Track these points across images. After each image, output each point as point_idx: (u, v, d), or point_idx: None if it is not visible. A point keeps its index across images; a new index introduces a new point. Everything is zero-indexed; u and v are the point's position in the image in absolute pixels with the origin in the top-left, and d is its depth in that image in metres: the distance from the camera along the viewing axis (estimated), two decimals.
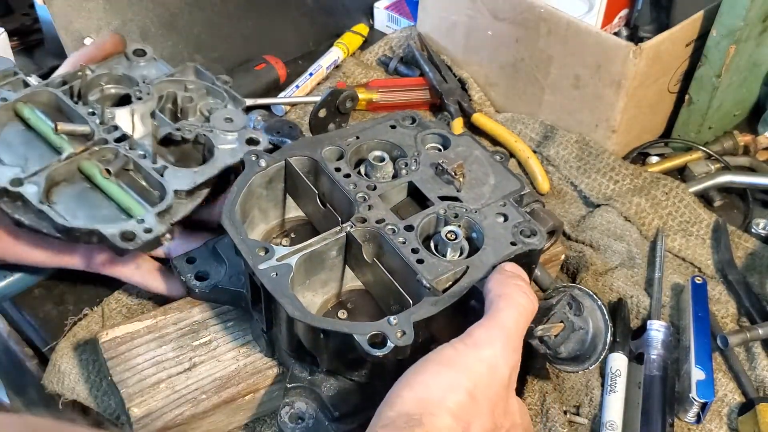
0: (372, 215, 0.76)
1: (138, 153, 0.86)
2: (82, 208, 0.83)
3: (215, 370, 0.78)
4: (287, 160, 0.81)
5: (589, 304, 0.74)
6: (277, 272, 0.71)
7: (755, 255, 0.99)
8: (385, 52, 1.28)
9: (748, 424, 0.81)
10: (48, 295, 0.92)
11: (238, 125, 0.91)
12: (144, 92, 0.92)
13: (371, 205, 0.77)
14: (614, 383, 0.83)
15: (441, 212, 0.76)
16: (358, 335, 0.66)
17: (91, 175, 0.85)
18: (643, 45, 1.00)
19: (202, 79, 0.97)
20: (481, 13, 1.13)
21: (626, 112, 1.06)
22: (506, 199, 0.78)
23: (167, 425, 0.75)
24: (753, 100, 1.18)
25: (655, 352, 0.85)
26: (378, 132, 0.85)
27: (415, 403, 0.60)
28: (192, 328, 0.81)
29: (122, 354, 0.79)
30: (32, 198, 0.80)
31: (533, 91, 1.13)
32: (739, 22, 0.99)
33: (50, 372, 0.84)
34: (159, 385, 0.77)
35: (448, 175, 0.79)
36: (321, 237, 0.75)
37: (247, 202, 0.81)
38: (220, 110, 0.93)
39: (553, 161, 1.09)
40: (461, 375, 0.62)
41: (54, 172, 0.83)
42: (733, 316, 0.92)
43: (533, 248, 0.74)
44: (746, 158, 1.12)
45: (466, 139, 0.85)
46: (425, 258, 0.72)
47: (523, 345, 0.67)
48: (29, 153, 0.87)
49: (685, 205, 1.02)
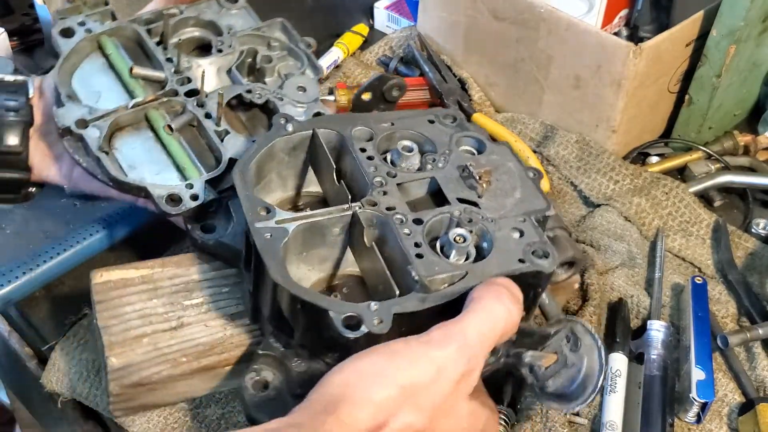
0: (384, 201, 0.74)
1: (204, 111, 0.85)
2: (141, 158, 0.83)
3: (201, 335, 0.76)
4: (315, 130, 0.79)
5: (588, 342, 0.70)
6: (272, 234, 0.70)
7: (755, 255, 0.99)
8: (385, 52, 1.28)
9: (748, 424, 0.81)
10: (48, 295, 0.92)
11: (310, 96, 0.88)
12: (226, 44, 0.90)
13: (386, 191, 0.75)
14: (614, 383, 0.82)
15: (456, 214, 0.74)
16: (333, 312, 0.64)
17: (156, 127, 0.84)
18: (643, 45, 1.00)
19: (288, 37, 0.93)
20: (481, 13, 1.13)
21: (626, 112, 1.05)
22: (527, 216, 0.74)
23: (142, 381, 0.74)
24: (753, 100, 1.18)
25: (655, 352, 0.85)
26: (414, 123, 0.82)
27: (341, 388, 0.58)
28: (187, 286, 0.79)
29: (112, 300, 0.77)
30: (92, 143, 0.80)
31: (533, 91, 1.13)
32: (739, 22, 0.99)
33: (49, 371, 0.84)
34: (142, 339, 0.75)
35: (472, 179, 0.76)
36: (326, 210, 0.74)
37: (266, 164, 0.79)
38: (296, 77, 0.89)
39: (553, 161, 1.09)
40: (399, 369, 0.59)
41: (120, 118, 0.83)
42: (733, 316, 0.92)
43: (541, 270, 0.70)
44: (746, 158, 1.12)
45: (503, 148, 0.81)
46: (425, 254, 0.70)
47: (511, 372, 0.65)
48: (104, 90, 0.86)
49: (685, 205, 1.02)
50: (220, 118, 0.84)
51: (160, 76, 0.87)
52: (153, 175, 0.81)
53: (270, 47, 0.93)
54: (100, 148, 0.81)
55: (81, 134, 0.81)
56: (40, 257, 0.90)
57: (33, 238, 0.98)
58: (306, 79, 0.90)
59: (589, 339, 0.70)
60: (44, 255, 0.90)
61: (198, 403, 0.81)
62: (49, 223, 1.00)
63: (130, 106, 0.84)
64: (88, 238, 0.92)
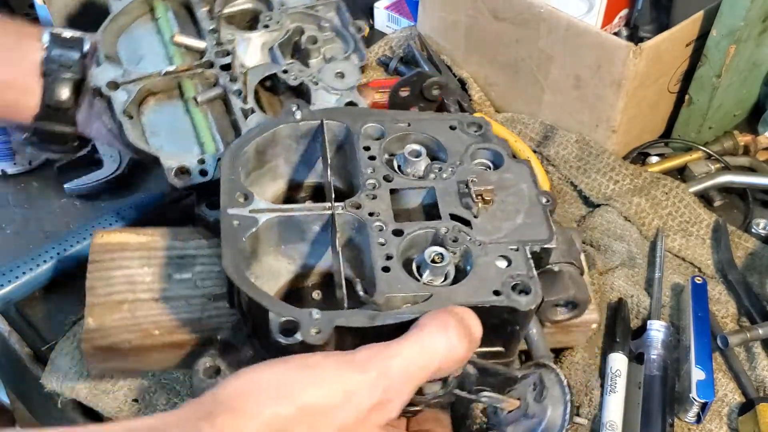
0: (369, 205, 0.70)
1: (235, 87, 0.84)
2: (165, 127, 0.83)
3: (180, 311, 0.75)
4: (323, 121, 0.76)
5: (556, 394, 0.64)
6: (240, 222, 0.68)
7: (755, 255, 0.99)
8: (385, 52, 1.28)
9: (748, 424, 0.81)
10: (48, 295, 0.92)
11: (347, 83, 0.85)
12: (274, 20, 0.89)
13: (376, 195, 0.71)
14: (614, 383, 0.82)
15: (442, 231, 0.68)
16: (273, 314, 0.61)
17: (187, 97, 0.85)
18: (643, 45, 1.00)
19: (341, 19, 0.91)
20: (481, 13, 1.13)
21: (626, 112, 1.05)
22: (522, 244, 0.68)
23: (113, 346, 0.74)
24: (753, 100, 1.18)
25: (655, 352, 0.85)
26: (433, 126, 0.77)
27: (233, 394, 0.55)
28: (179, 261, 0.78)
29: (105, 261, 0.77)
30: (117, 106, 0.82)
31: (533, 91, 1.13)
32: (739, 22, 0.99)
33: (49, 371, 0.84)
34: (123, 305, 0.75)
35: (469, 197, 0.71)
36: (305, 206, 0.71)
37: (270, 149, 0.77)
38: (337, 61, 0.87)
39: (553, 161, 1.09)
40: (305, 387, 0.55)
41: (152, 84, 0.84)
42: (733, 316, 0.92)
43: (515, 307, 0.64)
44: (746, 158, 1.12)
45: (522, 167, 0.75)
46: (393, 268, 0.65)
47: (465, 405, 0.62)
48: (146, 54, 0.87)
49: (685, 205, 1.02)
50: (246, 96, 0.83)
51: (201, 46, 0.87)
52: (172, 145, 0.81)
53: (320, 28, 0.90)
54: (125, 112, 0.81)
55: (109, 96, 0.82)
56: (40, 257, 0.90)
57: (33, 238, 0.98)
58: (347, 65, 0.88)
59: (558, 391, 0.64)
60: (44, 255, 0.90)
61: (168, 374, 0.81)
62: (49, 223, 1.00)
63: (163, 73, 0.84)
64: (88, 238, 0.92)
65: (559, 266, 0.71)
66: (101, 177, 1.03)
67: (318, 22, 0.91)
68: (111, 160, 1.04)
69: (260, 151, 0.76)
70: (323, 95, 0.85)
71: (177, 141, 0.83)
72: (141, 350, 0.74)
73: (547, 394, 0.64)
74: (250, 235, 0.68)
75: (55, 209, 1.02)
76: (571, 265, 0.72)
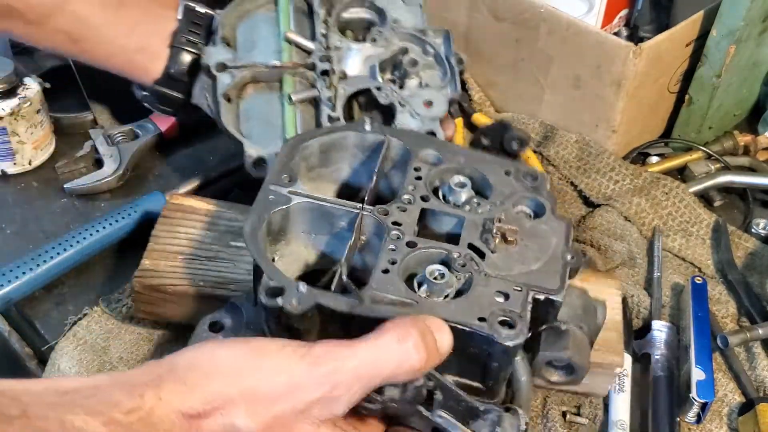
0: (396, 215, 0.72)
1: (328, 95, 0.88)
2: (258, 116, 0.88)
3: (226, 271, 0.83)
4: (387, 136, 0.79)
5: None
6: (275, 198, 0.72)
7: (755, 255, 0.99)
8: None
9: (748, 424, 0.81)
10: (48, 295, 0.92)
11: (432, 114, 0.88)
12: (382, 37, 0.92)
13: (406, 209, 0.73)
14: (622, 382, 0.82)
15: (454, 255, 0.69)
16: (265, 276, 0.64)
17: (284, 92, 0.89)
18: (643, 45, 1.00)
19: (446, 48, 0.93)
20: (481, 13, 1.13)
21: (626, 112, 1.05)
22: (528, 288, 0.68)
23: (158, 287, 0.82)
24: (753, 100, 1.18)
25: (659, 353, 0.85)
26: (488, 167, 0.79)
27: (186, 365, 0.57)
28: (239, 231, 0.85)
29: (173, 219, 0.87)
30: (219, 88, 0.88)
31: (533, 91, 1.13)
32: (739, 22, 0.99)
33: (49, 371, 0.84)
34: (178, 255, 0.84)
35: (489, 232, 0.71)
36: (337, 200, 0.75)
37: (335, 152, 0.81)
38: (429, 89, 0.89)
39: (553, 161, 1.09)
40: (253, 371, 0.58)
41: (256, 73, 0.89)
42: (733, 316, 0.92)
43: (494, 339, 0.63)
44: (746, 158, 1.12)
45: (561, 224, 0.74)
46: (392, 272, 0.67)
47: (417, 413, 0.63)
48: (259, 42, 0.92)
49: (685, 205, 1.02)
50: (335, 104, 0.88)
51: (309, 47, 0.90)
52: (260, 134, 0.86)
53: (424, 52, 0.93)
54: (225, 94, 0.88)
55: (216, 76, 0.89)
56: (40, 257, 0.90)
57: (33, 238, 0.98)
58: (438, 95, 0.90)
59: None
60: (44, 255, 0.90)
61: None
62: (49, 223, 1.00)
63: (268, 66, 0.89)
64: (88, 238, 0.93)
65: (567, 326, 0.70)
66: (101, 177, 1.03)
67: (424, 46, 0.93)
68: (111, 160, 1.04)
69: (325, 151, 0.80)
70: (407, 119, 0.88)
71: (265, 131, 0.88)
72: (183, 297, 0.82)
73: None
74: (279, 211, 0.73)
75: (55, 209, 1.02)
76: (581, 330, 0.71)
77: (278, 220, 0.74)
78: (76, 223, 0.98)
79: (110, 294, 0.90)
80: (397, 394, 0.63)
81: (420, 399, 0.64)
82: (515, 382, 0.70)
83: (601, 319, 0.74)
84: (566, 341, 0.70)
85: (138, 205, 0.97)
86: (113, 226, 0.94)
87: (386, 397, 0.63)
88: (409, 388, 0.63)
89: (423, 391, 0.64)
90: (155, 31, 0.95)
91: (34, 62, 1.19)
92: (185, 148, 1.10)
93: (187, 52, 0.93)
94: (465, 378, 0.68)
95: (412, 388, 0.63)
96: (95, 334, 0.86)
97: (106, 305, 0.89)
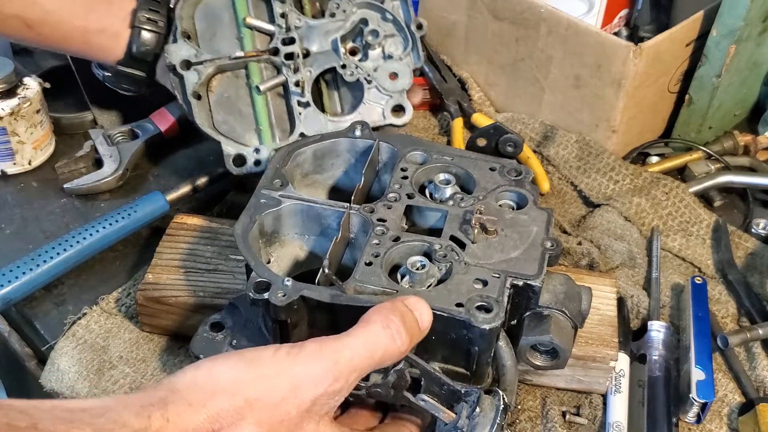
0: (382, 213, 0.76)
1: (296, 78, 0.88)
2: (230, 107, 0.88)
3: (225, 283, 0.85)
4: (377, 140, 0.83)
5: (489, 417, 0.64)
6: (266, 201, 0.76)
7: (755, 255, 0.99)
8: None
9: (748, 425, 0.81)
10: (48, 295, 0.92)
11: (398, 86, 0.88)
12: (341, 10, 0.91)
13: (391, 206, 0.77)
14: (618, 383, 0.82)
15: (436, 247, 0.72)
16: (254, 273, 0.67)
17: (251, 81, 0.89)
18: (643, 45, 1.00)
19: (406, 14, 0.92)
20: (481, 13, 1.13)
21: (626, 112, 1.05)
22: (506, 275, 0.70)
23: (159, 299, 0.84)
24: (753, 100, 1.18)
25: (657, 353, 0.85)
26: (473, 165, 0.82)
27: (187, 385, 0.58)
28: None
29: (177, 236, 0.89)
30: (188, 86, 0.88)
31: (533, 91, 1.13)
32: (739, 22, 0.99)
33: (49, 370, 0.84)
34: (180, 269, 0.86)
35: (468, 225, 0.74)
36: (325, 201, 0.78)
37: (328, 158, 0.84)
38: (392, 61, 0.89)
39: (553, 161, 1.09)
40: (253, 381, 0.59)
41: (222, 65, 0.89)
42: (733, 316, 0.92)
43: (470, 323, 0.65)
44: (746, 158, 1.12)
45: (543, 214, 0.77)
46: (375, 264, 0.70)
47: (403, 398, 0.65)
48: (219, 32, 0.91)
49: (685, 205, 1.02)
50: (303, 89, 0.88)
51: (270, 30, 0.90)
52: (233, 125, 0.87)
53: (384, 19, 0.92)
54: (194, 92, 0.88)
55: (182, 75, 0.88)
56: (40, 257, 0.90)
57: (33, 238, 0.98)
58: (402, 66, 0.90)
59: (492, 415, 0.65)
60: (44, 255, 0.90)
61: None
62: (49, 223, 1.00)
63: (232, 58, 0.89)
64: (88, 238, 0.93)
65: (550, 312, 0.72)
66: (101, 177, 1.03)
67: (383, 13, 0.92)
68: (111, 160, 1.04)
69: (319, 157, 0.83)
70: (375, 94, 0.89)
71: (238, 122, 0.88)
72: (184, 308, 0.84)
73: (479, 414, 0.65)
74: (271, 213, 0.76)
75: (54, 209, 1.02)
76: (563, 315, 0.72)
77: (271, 223, 0.77)
78: (75, 223, 0.98)
79: (110, 294, 0.90)
80: (379, 379, 0.66)
81: (405, 384, 0.67)
82: (500, 368, 0.72)
83: (586, 305, 0.76)
84: (548, 325, 0.72)
85: (138, 205, 0.97)
86: (113, 226, 0.94)
87: (370, 383, 0.66)
88: (390, 372, 0.66)
89: (406, 375, 0.66)
90: (113, 11, 0.93)
91: (34, 62, 1.19)
92: (185, 148, 1.10)
93: (147, 31, 0.92)
94: (450, 364, 0.71)
95: (393, 372, 0.66)
96: (95, 334, 0.86)
97: (106, 305, 0.89)
